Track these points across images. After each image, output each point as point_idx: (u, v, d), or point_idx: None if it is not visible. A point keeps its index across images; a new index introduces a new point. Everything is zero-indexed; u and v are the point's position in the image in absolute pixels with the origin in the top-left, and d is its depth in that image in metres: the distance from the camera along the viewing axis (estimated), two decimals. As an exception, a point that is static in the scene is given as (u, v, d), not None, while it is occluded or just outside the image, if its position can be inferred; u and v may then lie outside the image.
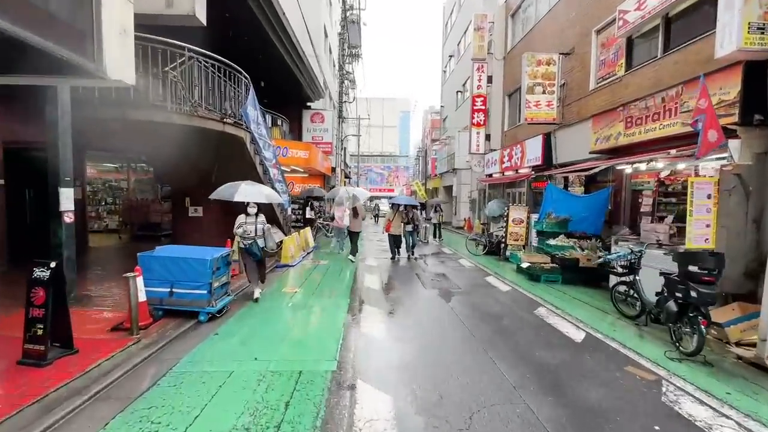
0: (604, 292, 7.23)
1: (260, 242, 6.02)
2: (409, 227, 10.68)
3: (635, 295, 5.46)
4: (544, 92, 10.69)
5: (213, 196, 6.02)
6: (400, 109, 71.77)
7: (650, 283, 5.30)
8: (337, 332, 4.75)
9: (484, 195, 18.79)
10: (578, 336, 4.86)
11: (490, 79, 16.02)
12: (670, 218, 6.56)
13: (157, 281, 5.01)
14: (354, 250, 10.68)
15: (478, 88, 15.91)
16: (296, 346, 4.34)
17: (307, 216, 15.53)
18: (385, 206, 28.74)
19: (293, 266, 9.34)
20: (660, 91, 6.58)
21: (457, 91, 25.61)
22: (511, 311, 5.96)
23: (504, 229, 13.53)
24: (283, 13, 10.12)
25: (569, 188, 10.66)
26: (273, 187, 10.27)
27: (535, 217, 10.94)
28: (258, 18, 9.22)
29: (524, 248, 11.07)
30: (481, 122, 15.93)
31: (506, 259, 10.94)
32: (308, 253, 11.25)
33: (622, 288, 5.74)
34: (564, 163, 10.50)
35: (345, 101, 20.51)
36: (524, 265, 8.47)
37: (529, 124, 10.95)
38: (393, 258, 10.69)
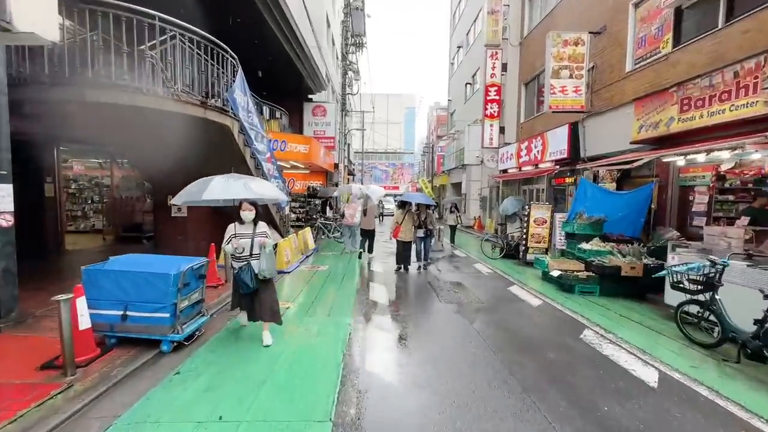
0: (654, 307, 6.08)
1: (255, 265, 4.19)
2: (421, 232, 8.83)
3: (713, 318, 4.31)
4: (571, 76, 9.49)
5: (176, 200, 4.47)
6: (405, 105, 70.47)
7: (734, 304, 4.15)
8: (333, 372, 3.65)
9: (497, 192, 17.59)
10: (649, 376, 3.72)
11: (504, 68, 14.81)
12: (744, 220, 5.37)
13: (107, 302, 3.94)
14: (363, 248, 10.33)
15: (491, 77, 14.70)
16: (279, 394, 3.25)
17: (327, 215, 14.76)
18: (390, 204, 27.37)
19: (289, 272, 8.26)
20: (731, 65, 5.39)
21: (466, 84, 24.38)
22: (552, 336, 4.83)
23: (521, 230, 12.43)
24: (280, -8, 9.01)
25: (598, 184, 9.48)
26: (268, 184, 9.26)
27: (559, 216, 9.79)
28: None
29: (547, 251, 9.92)
30: (495, 114, 14.74)
31: (527, 264, 9.80)
32: (307, 257, 10.18)
33: (693, 309, 4.59)
34: (594, 157, 9.31)
35: (348, 93, 19.36)
36: (554, 273, 7.32)
37: (553, 112, 9.75)
38: (399, 269, 8.71)
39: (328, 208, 14.57)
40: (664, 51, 7.46)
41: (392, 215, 25.99)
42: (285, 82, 15.48)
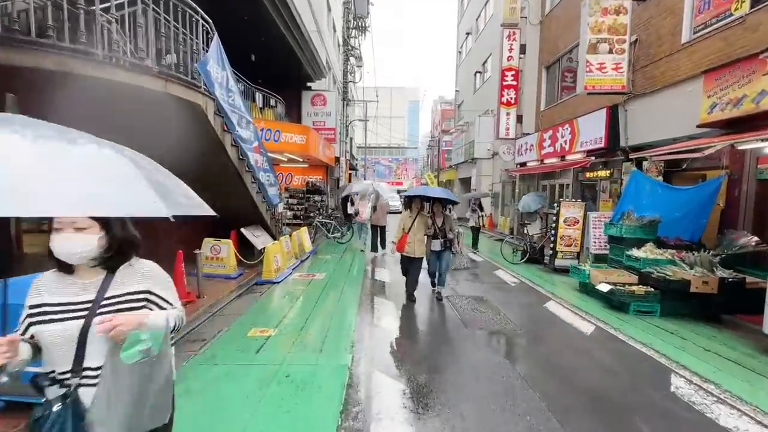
0: (740, 334, 4.72)
1: (94, 402, 1.27)
2: (438, 244, 5.91)
3: None
4: (610, 51, 8.06)
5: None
6: (408, 99, 68.92)
7: None
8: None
9: (513, 188, 16.19)
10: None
11: (522, 49, 13.35)
12: None
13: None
14: (374, 246, 10.28)
15: (508, 60, 13.25)
16: None
17: (349, 212, 13.33)
18: (397, 201, 23.58)
19: (278, 282, 6.96)
20: None
21: (476, 72, 22.92)
22: (629, 386, 3.48)
23: (543, 230, 11.05)
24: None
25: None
26: (256, 178, 7.93)
27: (594, 216, 8.42)
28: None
29: (578, 257, 8.56)
30: (512, 101, 13.31)
31: (555, 270, 8.47)
32: (302, 261, 8.87)
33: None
34: (639, 146, 7.91)
35: (350, 81, 17.96)
36: (602, 287, 5.95)
37: (588, 94, 8.33)
38: (410, 298, 6.02)
39: (350, 205, 12.64)
40: (738, 13, 6.03)
41: (395, 211, 23.21)
42: (281, 68, 14.14)
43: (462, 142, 23.62)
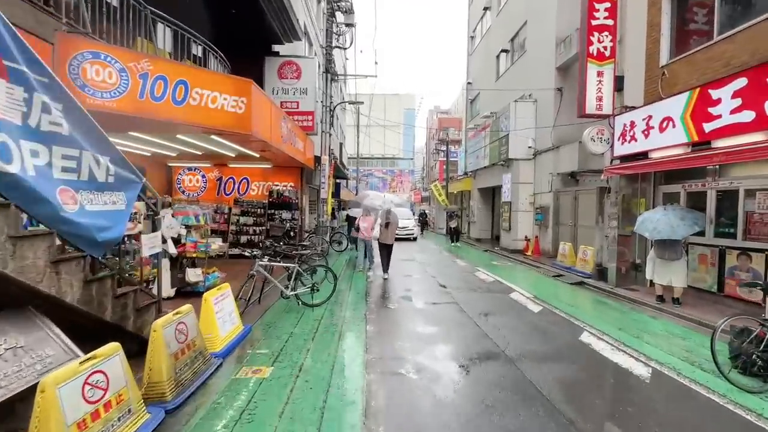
0: None
1: None
2: None
3: None
4: None
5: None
6: (404, 107, 64.17)
7: None
8: None
9: (574, 200, 10.74)
10: None
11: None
12: None
13: None
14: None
15: (596, -14, 7.94)
16: None
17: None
18: (409, 221, 19.53)
19: None
20: None
21: (501, 52, 17.80)
22: None
23: (684, 273, 5.54)
24: None
25: None
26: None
27: None
28: None
29: None
30: (608, 51, 7.95)
31: None
32: (215, 367, 3.17)
33: None
34: None
35: (336, 46, 12.49)
36: None
37: None
38: None
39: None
40: None
41: (409, 236, 18.51)
42: (229, 18, 8.88)
43: (482, 143, 18.25)
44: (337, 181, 23.55)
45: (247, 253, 5.65)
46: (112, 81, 4.83)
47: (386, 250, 9.00)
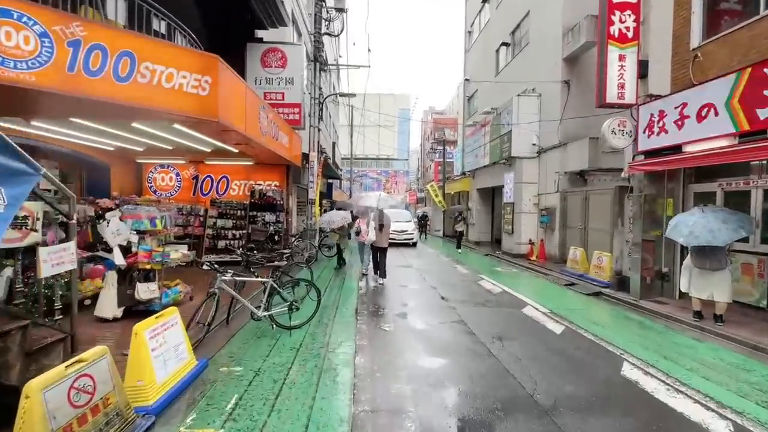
0: None
1: None
2: None
3: None
4: None
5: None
6: (399, 107, 63.21)
7: None
8: None
9: (584, 201, 9.84)
10: None
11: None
12: None
13: None
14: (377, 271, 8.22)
15: (618, -39, 7.03)
16: None
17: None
18: (406, 224, 17.36)
19: None
20: None
21: (501, 45, 16.90)
22: None
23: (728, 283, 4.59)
24: None
25: None
26: None
27: None
28: None
29: None
30: (630, 33, 7.04)
31: None
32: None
33: None
34: None
35: (326, 33, 11.47)
36: None
37: None
38: None
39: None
40: None
41: (408, 241, 16.95)
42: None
43: (482, 141, 17.33)
44: (330, 181, 22.52)
45: (206, 267, 4.59)
46: (29, 47, 3.77)
47: (382, 254, 8.53)
